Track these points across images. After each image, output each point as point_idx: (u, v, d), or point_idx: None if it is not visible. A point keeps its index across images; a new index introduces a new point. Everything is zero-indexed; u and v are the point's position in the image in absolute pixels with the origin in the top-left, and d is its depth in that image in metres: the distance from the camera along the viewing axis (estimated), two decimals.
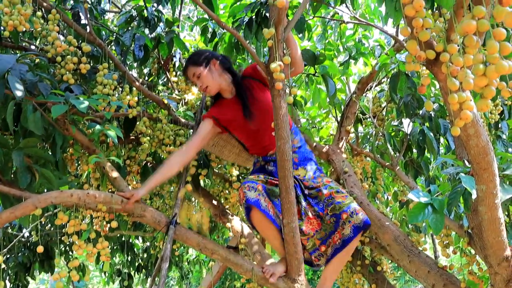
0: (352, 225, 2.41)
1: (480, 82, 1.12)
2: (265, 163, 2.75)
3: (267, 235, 2.49)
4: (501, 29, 1.08)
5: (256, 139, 2.74)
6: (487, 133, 4.26)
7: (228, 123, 2.71)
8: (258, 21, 3.28)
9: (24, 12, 2.56)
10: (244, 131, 2.72)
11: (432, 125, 3.39)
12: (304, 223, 2.46)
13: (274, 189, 2.53)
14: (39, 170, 2.60)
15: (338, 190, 2.55)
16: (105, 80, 2.85)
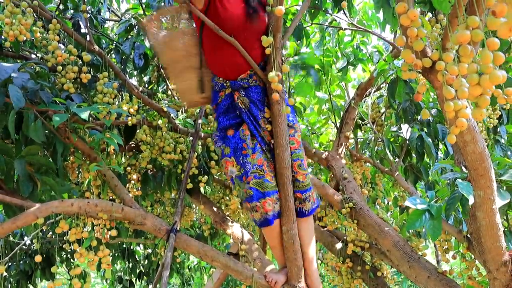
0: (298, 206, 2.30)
1: (475, 91, 1.13)
2: (232, 92, 2.23)
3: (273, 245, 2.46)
4: (494, 39, 1.11)
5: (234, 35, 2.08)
6: (486, 138, 4.29)
7: (221, 1, 2.10)
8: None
9: (25, 22, 2.59)
10: (228, 26, 2.08)
11: (430, 130, 3.41)
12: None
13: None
14: (40, 178, 2.62)
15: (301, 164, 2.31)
16: (105, 89, 2.87)
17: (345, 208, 3.24)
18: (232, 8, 2.09)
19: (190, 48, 2.25)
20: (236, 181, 2.19)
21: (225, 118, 2.23)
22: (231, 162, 2.18)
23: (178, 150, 3.16)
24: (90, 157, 2.84)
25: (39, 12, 2.77)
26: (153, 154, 3.16)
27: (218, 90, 2.26)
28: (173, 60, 2.28)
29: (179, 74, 2.32)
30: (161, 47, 2.30)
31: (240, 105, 2.18)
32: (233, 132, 2.21)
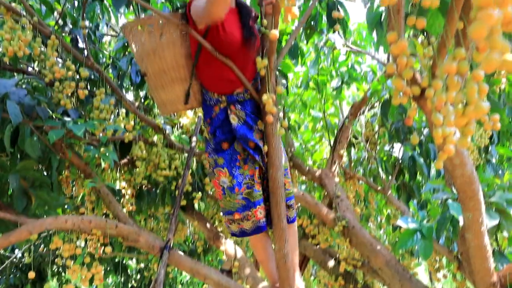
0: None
1: (460, 121, 1.17)
2: (228, 106, 2.22)
3: (262, 259, 2.49)
4: (479, 71, 1.14)
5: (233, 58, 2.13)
6: (477, 157, 4.33)
7: (222, 23, 2.10)
8: None
9: (24, 38, 2.62)
10: (227, 46, 2.11)
11: (422, 150, 3.46)
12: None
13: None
14: (35, 193, 2.64)
15: (286, 173, 2.36)
16: (102, 105, 2.90)
17: (338, 226, 3.26)
18: (230, 29, 2.12)
19: (178, 59, 2.22)
20: (227, 191, 2.20)
21: (221, 132, 2.24)
22: (224, 172, 2.20)
23: (173, 166, 3.19)
24: (85, 172, 2.86)
25: (38, 28, 2.80)
26: (148, 170, 3.18)
27: (212, 104, 2.26)
28: (161, 70, 2.23)
29: (165, 85, 2.28)
30: (149, 56, 2.21)
31: (232, 120, 2.20)
32: (228, 145, 2.24)
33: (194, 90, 2.32)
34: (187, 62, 2.25)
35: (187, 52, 2.24)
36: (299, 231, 4.06)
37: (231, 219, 2.25)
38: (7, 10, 2.63)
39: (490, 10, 0.80)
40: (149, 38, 2.18)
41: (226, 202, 2.22)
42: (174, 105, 2.35)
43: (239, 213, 2.21)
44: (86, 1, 2.94)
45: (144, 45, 2.20)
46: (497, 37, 0.86)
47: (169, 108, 2.37)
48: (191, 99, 2.33)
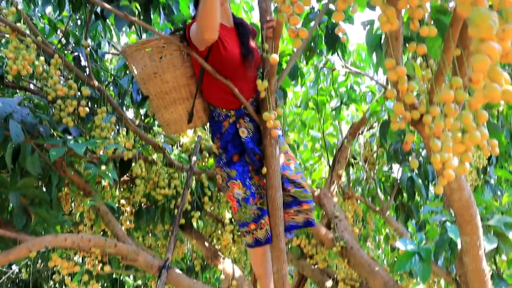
0: (307, 218, 2.36)
1: (458, 149, 1.19)
2: (237, 120, 2.27)
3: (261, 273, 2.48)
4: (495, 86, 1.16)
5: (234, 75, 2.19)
6: (476, 178, 4.35)
7: (222, 42, 2.16)
8: None
9: (28, 58, 2.66)
10: (229, 64, 2.18)
11: (421, 171, 3.48)
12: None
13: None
14: (34, 210, 2.64)
15: (303, 177, 2.45)
16: (103, 123, 2.92)
17: (336, 247, 3.26)
18: (231, 48, 2.18)
19: (179, 79, 2.27)
20: (243, 203, 2.22)
21: (233, 145, 2.28)
22: (237, 184, 2.22)
23: (172, 185, 3.20)
24: (85, 190, 2.87)
25: (42, 48, 2.83)
26: (147, 188, 3.19)
27: (221, 120, 2.30)
28: (163, 91, 2.27)
29: (167, 106, 2.32)
30: (150, 78, 2.25)
31: (241, 134, 2.25)
32: (238, 157, 2.28)
33: (197, 109, 2.36)
34: (189, 82, 2.30)
35: (188, 72, 2.29)
36: (297, 251, 4.06)
37: (247, 231, 2.27)
38: (12, 30, 2.66)
39: (492, 43, 0.82)
40: (149, 61, 2.22)
41: (242, 214, 2.24)
42: (178, 125, 2.39)
43: (254, 223, 2.24)
44: (89, 21, 2.99)
45: (145, 68, 2.24)
46: (497, 69, 0.88)
47: (172, 128, 2.41)
48: (194, 118, 2.37)
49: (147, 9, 2.95)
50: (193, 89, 2.32)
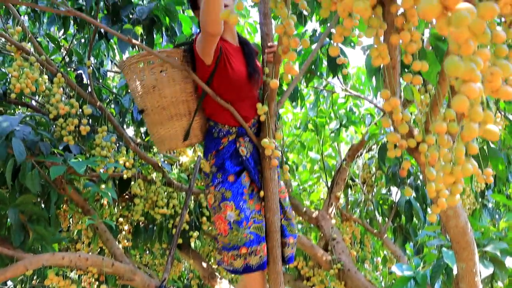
0: (291, 252, 2.33)
1: (448, 180, 1.21)
2: (237, 138, 2.26)
3: None
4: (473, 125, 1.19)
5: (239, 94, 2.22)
6: (474, 201, 4.35)
7: (229, 60, 2.17)
8: None
9: (32, 76, 2.69)
10: (235, 83, 2.19)
11: (419, 195, 3.49)
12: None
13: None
14: (32, 227, 2.65)
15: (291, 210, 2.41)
16: (103, 142, 2.94)
17: (333, 269, 3.26)
18: (237, 67, 2.17)
19: (178, 94, 2.21)
20: (234, 226, 2.14)
21: (231, 164, 2.23)
22: (231, 206, 2.15)
23: (171, 205, 3.21)
24: (84, 208, 2.88)
25: (45, 66, 2.87)
26: (146, 207, 3.20)
27: (221, 136, 2.25)
28: (160, 106, 2.21)
29: (164, 122, 2.26)
30: (148, 92, 2.19)
31: (241, 152, 2.22)
32: (234, 178, 2.21)
33: (193, 127, 2.31)
34: (188, 98, 2.26)
35: (188, 87, 2.26)
36: (294, 273, 4.05)
37: (237, 254, 2.16)
38: (17, 49, 2.71)
39: (472, 84, 0.84)
40: (149, 74, 2.18)
41: (233, 236, 2.15)
42: (173, 142, 2.32)
43: (246, 247, 2.14)
44: (93, 41, 3.03)
45: (144, 81, 2.19)
46: (477, 109, 0.91)
47: (167, 145, 2.34)
48: (190, 136, 2.32)
49: (150, 31, 3.00)
50: (192, 105, 2.28)
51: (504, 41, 1.17)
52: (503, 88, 0.98)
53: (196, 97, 2.29)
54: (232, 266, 2.21)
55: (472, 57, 0.87)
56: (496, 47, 1.13)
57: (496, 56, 1.16)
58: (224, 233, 2.19)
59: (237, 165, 2.23)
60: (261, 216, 2.20)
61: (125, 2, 2.85)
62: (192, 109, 2.28)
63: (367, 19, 1.27)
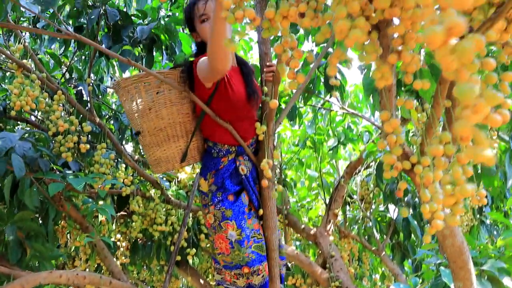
0: (281, 273, 2.32)
1: (448, 201, 1.23)
2: (236, 157, 2.27)
3: None
4: (463, 154, 1.22)
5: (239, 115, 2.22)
6: (472, 218, 4.35)
7: (229, 82, 2.17)
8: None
9: (32, 94, 2.72)
10: (235, 105, 2.19)
11: (416, 212, 3.50)
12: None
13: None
14: (30, 244, 2.65)
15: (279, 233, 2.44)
16: (102, 159, 2.96)
17: (331, 287, 3.26)
18: (237, 87, 2.18)
19: (176, 116, 2.21)
20: (236, 245, 2.14)
21: (231, 183, 2.22)
22: (232, 225, 2.15)
23: (169, 222, 3.21)
24: (82, 225, 2.89)
25: (46, 84, 2.90)
26: (144, 224, 3.21)
27: (221, 156, 2.25)
28: (157, 128, 2.19)
29: (160, 143, 2.24)
30: (145, 113, 2.18)
31: (241, 171, 2.22)
32: (234, 197, 2.21)
33: (190, 148, 2.31)
34: (185, 119, 2.26)
35: (185, 109, 2.26)
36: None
37: (239, 273, 2.17)
38: (19, 66, 2.74)
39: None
40: (145, 96, 2.16)
41: (235, 256, 2.15)
42: (170, 164, 2.31)
43: (248, 267, 2.14)
44: (93, 58, 3.06)
45: (140, 103, 2.17)
46: (481, 133, 0.93)
47: (163, 166, 2.31)
48: (188, 156, 2.31)
49: (150, 50, 3.03)
50: (189, 126, 2.28)
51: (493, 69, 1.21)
52: (491, 115, 1.00)
53: (193, 118, 2.29)
54: (235, 285, 2.21)
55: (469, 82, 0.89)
56: (486, 74, 1.17)
57: (486, 83, 1.19)
58: (226, 252, 2.17)
59: (237, 184, 2.23)
60: (260, 235, 2.21)
61: (126, 22, 2.89)
62: (189, 130, 2.28)
63: (362, 45, 1.29)
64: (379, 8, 1.26)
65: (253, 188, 2.24)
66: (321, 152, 3.99)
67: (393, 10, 1.26)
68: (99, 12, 2.82)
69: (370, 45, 1.31)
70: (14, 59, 2.74)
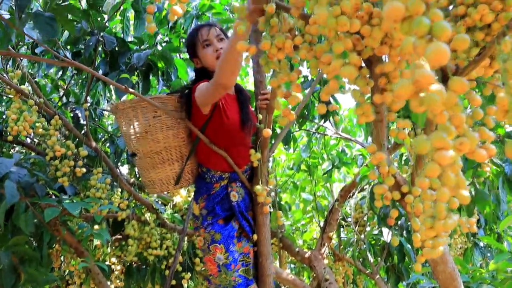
0: None
1: (429, 234, 1.26)
2: (229, 184, 2.31)
3: None
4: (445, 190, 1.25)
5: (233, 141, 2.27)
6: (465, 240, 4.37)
7: (224, 109, 2.22)
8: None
9: (30, 119, 2.75)
10: (230, 131, 2.25)
11: (410, 236, 3.52)
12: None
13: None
14: (24, 269, 2.65)
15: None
16: (98, 184, 2.97)
17: None
18: (232, 115, 2.23)
19: (171, 140, 2.26)
20: (223, 268, 2.17)
21: (221, 208, 2.26)
22: (220, 249, 2.18)
23: (164, 246, 3.22)
24: (77, 250, 2.89)
25: (43, 108, 2.93)
26: (139, 248, 3.21)
27: (213, 182, 2.29)
28: (153, 151, 2.25)
29: (155, 166, 2.29)
30: (141, 137, 2.23)
31: (232, 198, 2.26)
32: (223, 221, 2.25)
33: (184, 171, 2.35)
34: (180, 144, 2.31)
35: (181, 133, 2.30)
36: None
37: None
38: (16, 92, 2.77)
39: (444, 152, 0.90)
40: (142, 119, 2.22)
41: (222, 279, 2.18)
42: (164, 185, 2.36)
43: None
44: (91, 83, 3.10)
45: (137, 126, 2.23)
46: (449, 175, 0.97)
47: (158, 188, 2.37)
48: (181, 180, 2.36)
49: (147, 76, 3.08)
50: (184, 150, 2.33)
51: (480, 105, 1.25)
52: (477, 151, 1.05)
53: (189, 142, 2.34)
54: None
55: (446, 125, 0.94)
56: (473, 110, 1.21)
57: (473, 118, 1.23)
58: (215, 275, 2.21)
59: (227, 210, 2.27)
60: (249, 258, 2.24)
61: (123, 49, 2.94)
62: (184, 154, 2.33)
63: (354, 80, 1.34)
64: (370, 46, 1.31)
65: (244, 215, 2.27)
66: (316, 175, 4.03)
67: (383, 47, 1.31)
68: (96, 39, 2.87)
69: (361, 80, 1.36)
70: (12, 85, 2.78)
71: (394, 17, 0.72)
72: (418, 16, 0.72)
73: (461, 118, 0.98)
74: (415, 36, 0.73)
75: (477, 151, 1.05)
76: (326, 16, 1.17)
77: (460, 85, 0.87)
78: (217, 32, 2.26)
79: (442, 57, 0.71)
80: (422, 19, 0.71)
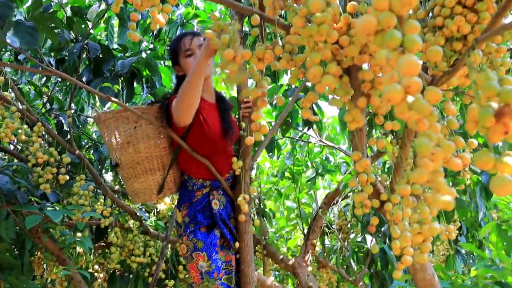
0: None
1: (417, 239, 1.29)
2: (210, 191, 2.31)
3: None
4: (430, 194, 1.28)
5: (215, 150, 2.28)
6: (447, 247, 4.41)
7: (204, 118, 2.24)
8: None
9: (12, 126, 2.72)
10: (211, 140, 2.25)
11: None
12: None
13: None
14: (4, 278, 2.62)
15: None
16: (81, 191, 2.96)
17: None
18: (213, 123, 2.24)
19: (153, 150, 2.27)
20: (205, 276, 2.16)
21: (203, 216, 2.26)
22: (203, 257, 2.18)
23: (148, 253, 3.21)
24: (59, 258, 2.86)
25: (26, 115, 2.91)
26: (122, 255, 3.19)
27: (195, 189, 2.29)
28: (134, 161, 2.25)
29: (138, 176, 2.30)
30: (123, 147, 2.23)
31: (214, 206, 2.27)
32: (206, 229, 2.25)
33: (167, 180, 2.35)
34: (161, 153, 2.31)
35: (162, 143, 2.31)
36: None
37: None
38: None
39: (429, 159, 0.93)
40: (123, 130, 2.23)
41: (204, 286, 2.17)
42: (147, 195, 2.36)
43: None
44: (74, 91, 3.09)
45: (118, 137, 2.24)
46: (440, 180, 0.99)
47: (141, 197, 2.38)
48: (164, 189, 2.36)
49: (131, 83, 3.08)
50: (166, 160, 2.33)
51: (455, 114, 1.28)
52: (452, 160, 1.08)
53: (170, 152, 2.34)
54: None
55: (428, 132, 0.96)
56: (447, 119, 1.24)
57: (448, 128, 1.26)
58: (197, 282, 2.21)
59: (209, 218, 2.27)
60: (231, 266, 2.24)
61: (107, 56, 2.94)
62: (166, 164, 2.33)
63: (333, 89, 1.37)
64: (349, 56, 1.34)
65: (226, 222, 2.28)
66: (300, 183, 4.05)
67: (362, 57, 1.34)
68: (81, 46, 2.87)
69: (341, 89, 1.39)
70: None
71: (367, 31, 0.74)
72: (390, 30, 0.74)
73: (436, 127, 1.01)
74: (387, 49, 0.75)
75: (452, 160, 1.08)
76: (303, 24, 1.20)
77: (434, 95, 0.89)
78: (200, 42, 2.27)
79: (414, 69, 0.74)
80: (394, 32, 0.74)
